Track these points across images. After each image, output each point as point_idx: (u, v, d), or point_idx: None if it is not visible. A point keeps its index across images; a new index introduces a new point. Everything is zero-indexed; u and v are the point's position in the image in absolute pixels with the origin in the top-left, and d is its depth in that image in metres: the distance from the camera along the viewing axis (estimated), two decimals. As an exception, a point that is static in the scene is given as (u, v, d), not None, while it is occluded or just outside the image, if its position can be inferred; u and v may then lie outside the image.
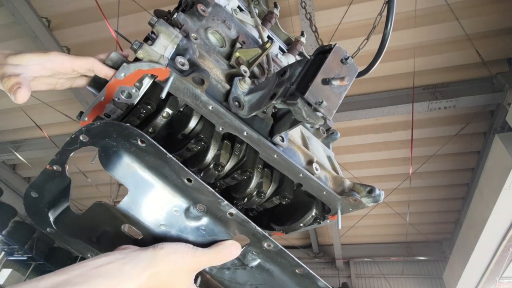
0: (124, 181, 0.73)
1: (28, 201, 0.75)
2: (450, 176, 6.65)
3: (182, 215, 0.77)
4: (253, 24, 1.25)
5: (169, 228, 0.77)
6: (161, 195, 0.76)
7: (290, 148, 0.95)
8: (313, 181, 0.93)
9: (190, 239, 0.77)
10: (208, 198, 0.75)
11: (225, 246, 0.76)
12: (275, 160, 0.88)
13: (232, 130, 0.84)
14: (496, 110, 5.14)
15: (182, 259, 0.70)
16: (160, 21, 0.81)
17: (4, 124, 6.85)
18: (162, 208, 0.76)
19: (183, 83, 0.77)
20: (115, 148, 0.71)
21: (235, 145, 0.99)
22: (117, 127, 0.68)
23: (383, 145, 6.20)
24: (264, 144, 0.86)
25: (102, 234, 0.79)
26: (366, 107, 5.24)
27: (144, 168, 0.74)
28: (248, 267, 0.83)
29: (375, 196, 0.97)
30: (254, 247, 0.80)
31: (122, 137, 0.69)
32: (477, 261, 6.09)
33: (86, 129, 0.68)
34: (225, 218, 0.77)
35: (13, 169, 8.19)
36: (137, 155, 0.72)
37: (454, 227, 7.94)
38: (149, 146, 0.69)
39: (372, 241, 8.91)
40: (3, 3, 4.59)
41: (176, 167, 0.71)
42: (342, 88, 0.74)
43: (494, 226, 5.28)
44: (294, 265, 0.82)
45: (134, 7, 4.35)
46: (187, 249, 0.72)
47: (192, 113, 0.90)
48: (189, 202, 0.77)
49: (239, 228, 0.78)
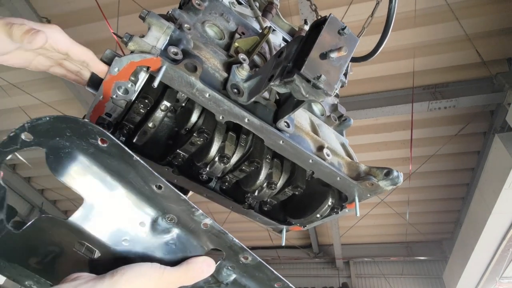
0: (78, 189, 0.62)
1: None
2: (450, 176, 6.65)
3: (148, 228, 0.68)
4: (252, 16, 1.24)
5: (132, 244, 0.66)
6: (124, 206, 0.65)
7: (298, 134, 0.92)
8: (324, 166, 0.89)
9: (157, 256, 0.68)
10: (180, 207, 0.66)
11: (196, 263, 0.67)
12: (282, 147, 0.85)
13: (232, 117, 0.82)
14: (496, 110, 5.13)
15: (148, 283, 0.60)
16: (150, 13, 0.80)
17: (4, 124, 6.85)
18: (125, 221, 0.65)
19: (176, 71, 0.75)
20: (67, 150, 0.60)
21: (241, 136, 0.98)
22: (72, 122, 0.57)
23: (383, 145, 6.19)
24: (268, 130, 0.83)
25: (48, 256, 0.65)
26: (366, 107, 5.24)
27: (104, 173, 0.63)
28: (223, 284, 0.75)
29: (393, 178, 0.91)
30: (229, 262, 0.72)
31: (78, 136, 0.59)
32: (477, 261, 6.08)
33: (30, 125, 0.56)
34: (199, 230, 0.68)
35: (13, 169, 8.18)
36: (95, 158, 0.61)
37: (454, 227, 7.93)
38: (111, 146, 0.59)
39: (372, 241, 8.91)
40: (3, 3, 4.58)
41: (145, 171, 0.61)
42: (342, 61, 0.69)
43: (494, 226, 5.27)
44: (272, 279, 0.75)
45: (134, 7, 4.34)
46: (153, 270, 0.62)
47: (193, 106, 0.90)
48: (157, 213, 0.67)
49: (214, 240, 0.70)
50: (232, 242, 0.69)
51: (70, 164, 0.61)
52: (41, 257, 0.65)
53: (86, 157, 0.61)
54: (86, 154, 0.61)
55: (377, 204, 6.50)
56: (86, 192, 0.62)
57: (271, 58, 0.87)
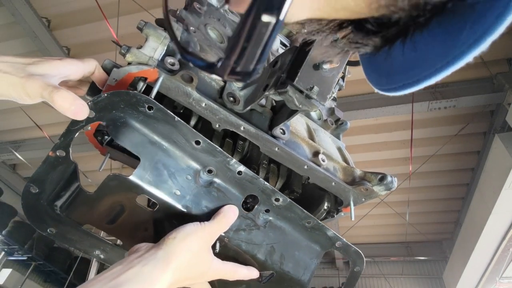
0: (135, 151, 0.73)
1: (28, 199, 0.71)
2: (450, 176, 6.65)
3: (193, 181, 0.78)
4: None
5: (183, 194, 0.77)
6: (172, 162, 0.76)
7: (294, 140, 0.94)
8: (319, 172, 0.91)
9: (203, 204, 0.79)
10: (217, 159, 0.76)
11: (224, 213, 0.77)
12: (277, 153, 0.87)
13: (228, 126, 0.83)
14: (496, 110, 5.14)
15: (196, 240, 0.70)
16: (148, 24, 0.81)
17: (4, 124, 6.85)
18: (174, 175, 0.77)
19: (172, 82, 0.76)
20: (122, 120, 0.70)
21: (238, 142, 0.99)
22: (124, 95, 0.67)
23: (383, 145, 6.20)
24: (263, 137, 0.84)
25: (117, 212, 0.76)
26: (366, 107, 5.24)
27: (153, 135, 0.74)
28: (261, 227, 0.85)
29: (387, 184, 0.92)
30: (264, 205, 0.83)
31: (129, 106, 0.68)
32: (477, 261, 6.08)
33: (92, 103, 0.65)
34: (235, 178, 0.79)
35: (13, 169, 8.19)
36: (145, 123, 0.72)
37: (454, 227, 7.94)
38: (157, 111, 0.69)
39: (372, 241, 8.91)
40: (3, 3, 4.59)
41: (185, 130, 0.72)
42: (334, 71, 0.71)
43: (494, 226, 5.27)
44: (303, 218, 0.85)
45: (134, 7, 4.34)
46: (196, 227, 0.72)
47: (191, 113, 0.90)
48: (199, 167, 0.78)
49: (248, 187, 0.80)
50: (264, 186, 0.80)
51: (127, 131, 0.72)
52: (112, 213, 0.76)
53: (138, 123, 0.72)
54: (137, 121, 0.71)
55: (377, 204, 6.51)
56: (141, 152, 0.73)
57: (266, 67, 0.88)
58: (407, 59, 0.34)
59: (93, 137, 0.85)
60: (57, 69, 0.66)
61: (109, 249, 0.83)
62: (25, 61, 0.63)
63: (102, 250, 0.82)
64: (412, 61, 0.34)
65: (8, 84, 0.60)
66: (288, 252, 0.88)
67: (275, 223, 0.86)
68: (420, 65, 0.33)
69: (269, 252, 0.86)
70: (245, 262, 0.85)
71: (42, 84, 0.60)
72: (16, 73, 0.60)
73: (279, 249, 0.87)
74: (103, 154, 0.91)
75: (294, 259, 0.88)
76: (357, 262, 0.93)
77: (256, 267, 0.85)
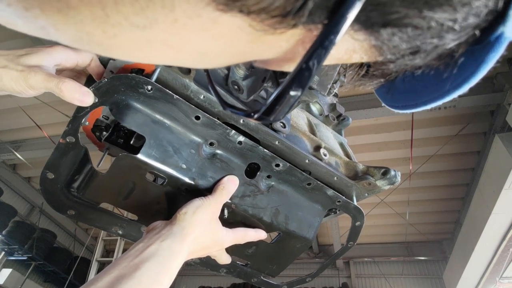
0: (140, 130, 0.75)
1: (46, 185, 0.74)
2: (450, 176, 6.65)
3: (197, 155, 0.81)
4: None
5: (189, 167, 0.80)
6: (176, 138, 0.79)
7: (295, 134, 0.93)
8: (321, 166, 0.90)
9: (209, 175, 0.82)
10: (217, 131, 0.78)
11: (224, 184, 0.81)
12: (278, 147, 0.86)
13: (227, 118, 0.83)
14: (496, 110, 5.13)
15: (205, 212, 0.75)
16: None
17: (4, 124, 6.85)
18: (179, 150, 0.79)
19: (170, 73, 0.76)
20: (125, 102, 0.72)
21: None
22: (124, 79, 0.68)
23: (383, 145, 6.20)
24: (263, 130, 0.84)
25: (129, 189, 0.80)
26: (366, 107, 5.24)
27: (155, 114, 0.76)
28: (265, 192, 0.88)
29: (390, 178, 0.92)
30: (265, 172, 0.86)
31: (130, 89, 0.70)
32: (477, 261, 6.08)
33: (94, 89, 0.66)
34: (236, 148, 0.82)
35: (13, 169, 8.19)
36: (146, 104, 0.74)
37: (454, 227, 7.94)
38: (156, 91, 0.71)
39: (372, 241, 8.92)
40: (3, 3, 4.59)
41: (184, 106, 0.74)
42: None
43: (494, 226, 5.27)
44: (303, 180, 0.88)
45: None
46: (202, 201, 0.76)
47: None
48: (201, 140, 0.81)
49: (249, 155, 0.83)
50: (264, 153, 0.82)
51: (130, 112, 0.73)
52: (126, 190, 0.79)
53: (139, 104, 0.74)
54: (139, 102, 0.73)
55: (377, 204, 6.51)
56: (145, 131, 0.75)
57: None
58: (407, 86, 0.37)
59: (91, 132, 0.85)
60: (51, 58, 0.66)
61: (126, 224, 0.87)
62: (17, 53, 0.63)
63: (120, 226, 0.86)
64: (412, 87, 0.36)
65: (9, 78, 0.60)
66: (292, 213, 0.92)
67: (278, 187, 0.89)
68: (419, 91, 0.36)
69: (274, 214, 0.89)
70: (252, 225, 0.89)
71: (45, 76, 0.61)
72: (14, 66, 0.60)
73: (283, 211, 0.90)
74: (101, 150, 0.91)
75: (298, 219, 0.92)
76: (358, 217, 0.96)
77: (263, 228, 0.89)
